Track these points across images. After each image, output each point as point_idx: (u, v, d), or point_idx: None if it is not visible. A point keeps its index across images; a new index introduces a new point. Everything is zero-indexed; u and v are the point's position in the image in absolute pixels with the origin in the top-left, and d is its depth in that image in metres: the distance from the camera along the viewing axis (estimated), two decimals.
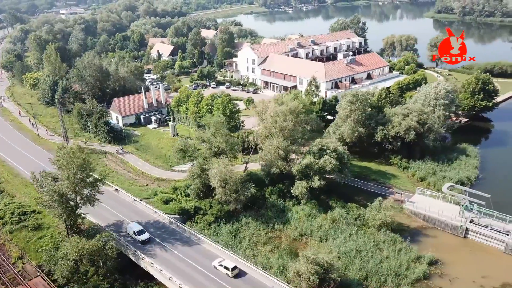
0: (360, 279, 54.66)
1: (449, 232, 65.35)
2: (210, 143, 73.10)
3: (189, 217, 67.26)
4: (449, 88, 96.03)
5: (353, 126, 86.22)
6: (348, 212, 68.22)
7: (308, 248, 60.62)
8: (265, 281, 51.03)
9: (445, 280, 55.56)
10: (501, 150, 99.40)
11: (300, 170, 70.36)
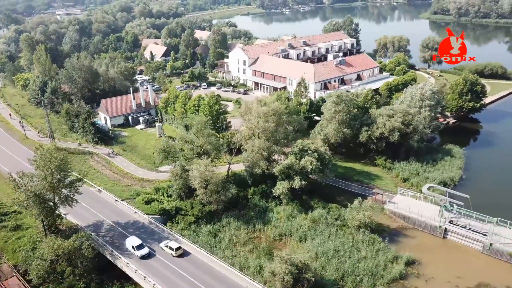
0: (336, 279, 54.86)
1: (429, 232, 65.60)
2: (193, 143, 73.26)
3: (170, 217, 67.45)
4: (434, 89, 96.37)
5: (337, 127, 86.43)
6: (329, 213, 68.44)
7: (287, 248, 61.03)
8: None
9: (421, 280, 55.77)
10: (486, 151, 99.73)
11: (281, 170, 70.58)
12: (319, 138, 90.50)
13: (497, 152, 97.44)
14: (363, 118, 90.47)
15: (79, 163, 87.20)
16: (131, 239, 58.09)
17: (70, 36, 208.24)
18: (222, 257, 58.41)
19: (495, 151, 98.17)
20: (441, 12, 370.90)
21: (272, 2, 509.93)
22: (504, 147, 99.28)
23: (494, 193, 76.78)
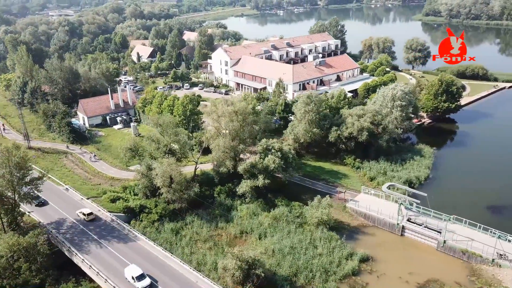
0: (289, 275, 55.82)
1: (388, 230, 66.70)
2: (159, 142, 74.32)
3: (135, 215, 68.46)
4: (406, 89, 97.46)
5: (307, 127, 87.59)
6: (291, 211, 69.46)
7: (246, 245, 62.19)
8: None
9: (373, 276, 56.83)
10: (458, 151, 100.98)
11: (246, 169, 71.68)
12: (290, 137, 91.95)
13: (468, 152, 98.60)
14: (334, 118, 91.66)
15: (52, 162, 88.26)
16: (130, 268, 52.12)
17: (58, 37, 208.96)
18: (181, 254, 59.72)
19: (466, 152, 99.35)
20: (433, 13, 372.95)
21: (266, 4, 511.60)
22: (475, 148, 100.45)
23: (456, 192, 78.04)
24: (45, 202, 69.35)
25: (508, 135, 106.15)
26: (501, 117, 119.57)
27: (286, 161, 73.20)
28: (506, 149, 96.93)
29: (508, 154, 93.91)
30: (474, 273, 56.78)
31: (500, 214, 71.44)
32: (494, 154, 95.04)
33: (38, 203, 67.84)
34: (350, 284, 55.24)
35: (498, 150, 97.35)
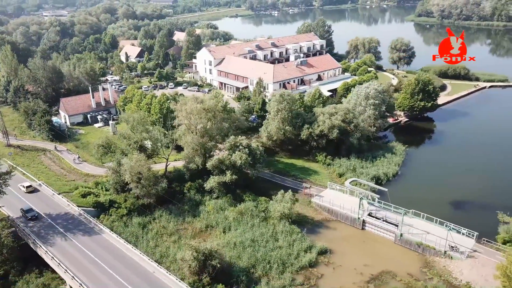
0: (247, 267, 57.57)
1: (349, 224, 68.51)
2: (130, 139, 76.09)
3: (104, 210, 70.21)
4: (379, 88, 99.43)
5: (279, 125, 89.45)
6: (257, 205, 71.25)
7: (210, 238, 64.06)
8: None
9: (329, 268, 58.61)
10: (431, 149, 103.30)
11: (214, 165, 73.43)
12: (264, 135, 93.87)
13: (440, 150, 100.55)
14: (307, 116, 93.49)
15: (30, 159, 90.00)
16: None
17: (48, 37, 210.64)
18: (145, 247, 61.59)
19: (438, 150, 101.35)
20: (425, 14, 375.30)
21: (261, 5, 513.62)
22: (448, 146, 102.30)
23: (422, 188, 79.81)
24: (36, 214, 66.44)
25: (482, 134, 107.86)
26: (477, 116, 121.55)
27: (254, 157, 74.98)
28: (477, 148, 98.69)
29: (478, 152, 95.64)
30: (427, 265, 58.63)
31: (460, 209, 73.42)
32: (465, 152, 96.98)
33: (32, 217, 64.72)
34: (306, 275, 57.01)
35: (469, 148, 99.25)
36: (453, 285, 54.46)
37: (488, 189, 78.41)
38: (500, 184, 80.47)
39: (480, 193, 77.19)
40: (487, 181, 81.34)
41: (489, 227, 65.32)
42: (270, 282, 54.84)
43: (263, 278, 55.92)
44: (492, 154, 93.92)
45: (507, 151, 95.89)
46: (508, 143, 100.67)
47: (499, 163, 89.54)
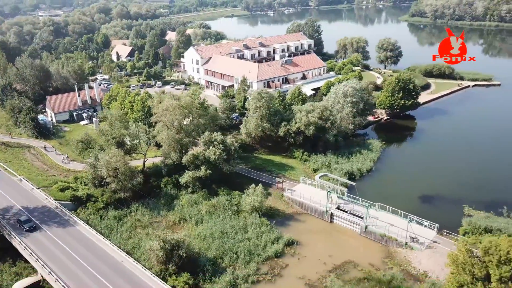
0: (215, 257, 59.69)
1: (318, 217, 70.61)
2: (108, 135, 78.18)
3: (81, 203, 72.31)
4: (357, 86, 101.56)
5: (258, 122, 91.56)
6: (230, 199, 73.37)
7: (182, 231, 66.14)
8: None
9: (295, 259, 60.70)
10: (408, 145, 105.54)
11: (189, 160, 75.51)
12: (243, 132, 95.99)
13: (417, 147, 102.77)
14: (285, 114, 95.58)
15: (13, 155, 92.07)
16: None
17: (40, 37, 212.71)
18: (119, 238, 63.71)
19: (416, 147, 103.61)
20: (419, 14, 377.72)
21: (257, 5, 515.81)
22: (426, 143, 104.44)
23: (393, 183, 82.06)
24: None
25: (459, 132, 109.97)
26: (457, 115, 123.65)
27: (229, 153, 77.06)
28: (453, 145, 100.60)
29: (454, 150, 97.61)
30: (389, 255, 60.75)
31: (429, 203, 75.34)
32: (441, 149, 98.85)
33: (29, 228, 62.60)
34: (271, 265, 59.10)
35: (445, 146, 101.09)
36: (411, 274, 56.56)
37: (459, 185, 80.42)
38: (471, 180, 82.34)
39: (450, 189, 79.24)
40: (459, 177, 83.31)
41: (455, 220, 67.39)
42: (236, 271, 56.96)
43: (230, 267, 57.98)
44: (466, 152, 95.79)
45: (481, 149, 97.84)
46: (483, 141, 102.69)
47: (472, 160, 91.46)
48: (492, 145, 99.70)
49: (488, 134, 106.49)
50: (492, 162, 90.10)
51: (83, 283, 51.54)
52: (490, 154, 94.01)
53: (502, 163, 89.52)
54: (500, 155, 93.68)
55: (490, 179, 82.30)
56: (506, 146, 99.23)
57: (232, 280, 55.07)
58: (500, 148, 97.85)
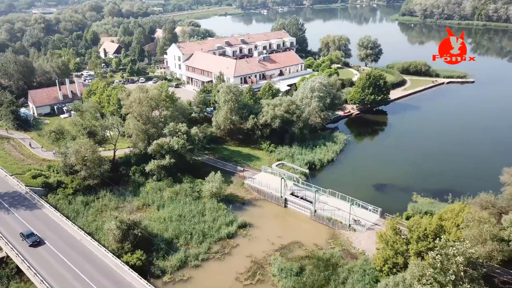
0: (171, 237, 64.08)
1: (274, 202, 75.00)
2: (79, 125, 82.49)
3: (52, 189, 76.61)
4: (324, 81, 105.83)
5: (226, 115, 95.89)
6: (193, 186, 77.74)
7: (144, 214, 70.57)
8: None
9: (245, 239, 65.06)
10: (375, 138, 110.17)
11: (154, 149, 79.82)
12: (213, 124, 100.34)
13: (382, 140, 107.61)
14: (254, 107, 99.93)
15: None
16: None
17: (30, 34, 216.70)
18: (84, 221, 68.10)
19: (381, 139, 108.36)
20: (409, 13, 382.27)
21: (251, 3, 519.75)
22: (391, 137, 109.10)
23: (350, 172, 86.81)
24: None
25: (425, 126, 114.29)
26: (427, 110, 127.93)
27: (193, 143, 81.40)
28: (416, 138, 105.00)
29: (416, 143, 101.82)
30: (333, 237, 65.17)
31: (381, 190, 79.82)
32: (404, 142, 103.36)
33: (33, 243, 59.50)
34: (223, 245, 63.47)
35: (409, 139, 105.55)
36: (351, 253, 60.96)
37: (413, 175, 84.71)
38: (425, 171, 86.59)
39: (404, 178, 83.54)
40: (414, 168, 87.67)
41: (404, 206, 71.84)
42: (188, 250, 61.36)
43: (183, 247, 62.36)
44: (427, 145, 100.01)
45: (441, 142, 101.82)
46: (445, 135, 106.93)
47: (430, 152, 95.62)
48: (452, 138, 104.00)
49: (451, 129, 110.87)
50: (449, 154, 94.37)
51: (43, 258, 55.91)
52: (448, 147, 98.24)
53: (457, 155, 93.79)
54: (457, 148, 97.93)
55: (443, 170, 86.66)
56: (464, 139, 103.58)
57: (183, 258, 59.47)
58: (458, 141, 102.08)
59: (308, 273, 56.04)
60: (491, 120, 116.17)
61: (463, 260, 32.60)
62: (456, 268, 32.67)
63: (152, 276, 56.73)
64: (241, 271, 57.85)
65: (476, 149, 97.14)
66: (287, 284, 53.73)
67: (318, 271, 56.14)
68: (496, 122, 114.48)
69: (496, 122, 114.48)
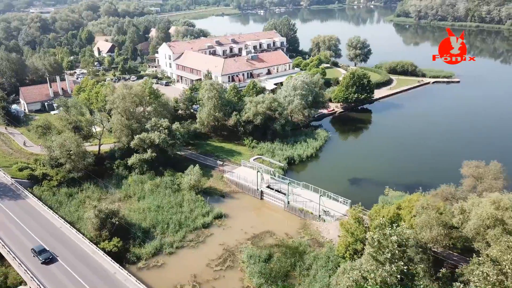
0: (148, 226, 67.02)
1: (252, 195, 77.90)
2: (65, 120, 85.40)
3: (38, 181, 79.54)
4: (307, 80, 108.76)
5: (210, 111, 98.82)
6: (173, 180, 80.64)
7: (126, 205, 73.51)
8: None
9: (220, 229, 67.98)
10: (356, 135, 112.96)
11: (137, 144, 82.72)
12: (198, 120, 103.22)
13: (363, 137, 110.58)
14: (237, 104, 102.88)
15: None
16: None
17: (26, 32, 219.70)
18: (66, 211, 70.97)
19: (362, 137, 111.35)
20: (404, 15, 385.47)
21: (248, 4, 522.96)
22: (372, 134, 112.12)
23: (328, 168, 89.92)
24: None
25: (407, 124, 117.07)
26: (410, 108, 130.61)
27: (174, 137, 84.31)
28: (396, 136, 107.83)
29: (395, 140, 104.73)
30: (304, 227, 68.06)
31: (356, 185, 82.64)
32: (384, 139, 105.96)
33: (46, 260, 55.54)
34: (198, 234, 66.38)
35: (389, 136, 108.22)
36: (319, 241, 63.82)
37: (388, 170, 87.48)
38: (401, 166, 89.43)
39: (379, 173, 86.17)
40: (390, 164, 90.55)
41: (375, 199, 74.68)
42: (164, 239, 64.26)
43: (160, 235, 65.27)
44: (405, 142, 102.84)
45: (420, 139, 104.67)
46: (424, 133, 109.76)
47: (407, 149, 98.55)
48: (429, 135, 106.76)
49: (430, 126, 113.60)
50: (424, 150, 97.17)
51: (22, 244, 58.79)
52: (425, 144, 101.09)
53: (432, 151, 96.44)
54: (433, 144, 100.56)
55: (417, 165, 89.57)
56: (442, 136, 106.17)
57: (158, 246, 62.38)
58: (435, 138, 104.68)
59: (275, 260, 58.92)
60: (470, 118, 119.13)
61: (396, 240, 35.42)
62: (392, 247, 35.51)
63: (127, 262, 59.60)
64: (212, 258, 60.73)
65: (450, 145, 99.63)
66: (254, 269, 56.52)
67: (285, 258, 59.01)
68: (475, 120, 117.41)
69: (475, 120, 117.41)
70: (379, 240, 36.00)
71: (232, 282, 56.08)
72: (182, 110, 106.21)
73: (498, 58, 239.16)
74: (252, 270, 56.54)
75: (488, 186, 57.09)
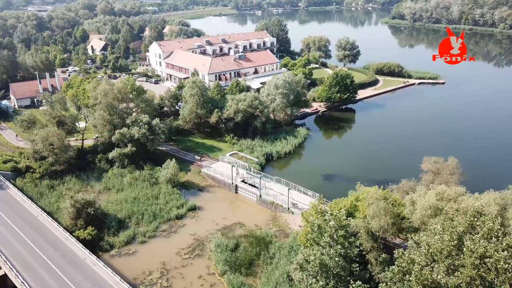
0: (124, 217, 69.82)
1: (227, 189, 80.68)
2: (48, 114, 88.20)
3: (21, 174, 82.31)
4: (288, 79, 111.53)
5: (192, 108, 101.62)
6: (152, 173, 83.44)
7: (105, 197, 76.30)
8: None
9: (193, 220, 70.74)
10: (336, 134, 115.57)
11: (117, 138, 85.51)
12: (180, 117, 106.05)
13: (342, 135, 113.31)
14: (219, 101, 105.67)
15: None
16: None
17: (21, 30, 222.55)
18: (46, 202, 73.74)
19: (342, 135, 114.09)
20: (399, 17, 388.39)
21: (246, 4, 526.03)
22: (352, 133, 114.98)
23: (304, 164, 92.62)
24: None
25: (388, 123, 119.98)
26: (394, 108, 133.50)
27: (154, 133, 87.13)
28: (375, 134, 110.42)
29: (374, 138, 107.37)
30: (273, 218, 70.82)
31: (329, 180, 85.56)
32: (362, 137, 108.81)
33: None
34: (171, 224, 69.17)
35: (368, 134, 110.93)
36: (286, 232, 66.53)
37: (362, 167, 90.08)
38: (375, 163, 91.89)
39: (353, 169, 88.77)
40: (365, 160, 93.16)
41: (345, 193, 77.39)
42: (138, 229, 67.03)
43: (134, 226, 68.05)
44: (383, 140, 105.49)
45: (398, 138, 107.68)
46: (403, 132, 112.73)
47: (384, 146, 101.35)
48: (405, 134, 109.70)
49: (408, 125, 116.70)
50: (399, 148, 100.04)
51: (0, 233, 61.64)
52: (400, 142, 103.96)
53: (407, 149, 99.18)
54: (409, 142, 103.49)
55: (391, 162, 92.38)
56: (419, 135, 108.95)
57: (132, 235, 65.17)
58: (411, 137, 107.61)
59: (242, 249, 61.66)
60: (446, 118, 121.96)
61: (333, 224, 38.19)
62: (330, 231, 38.28)
63: (101, 250, 62.42)
64: (182, 247, 63.47)
65: (422, 143, 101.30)
66: (220, 257, 59.23)
67: (252, 248, 61.75)
68: (450, 120, 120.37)
69: (450, 120, 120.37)
70: (319, 225, 38.75)
71: (199, 269, 58.84)
72: (167, 107, 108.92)
73: (491, 61, 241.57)
74: (218, 258, 59.25)
75: (444, 180, 59.88)
